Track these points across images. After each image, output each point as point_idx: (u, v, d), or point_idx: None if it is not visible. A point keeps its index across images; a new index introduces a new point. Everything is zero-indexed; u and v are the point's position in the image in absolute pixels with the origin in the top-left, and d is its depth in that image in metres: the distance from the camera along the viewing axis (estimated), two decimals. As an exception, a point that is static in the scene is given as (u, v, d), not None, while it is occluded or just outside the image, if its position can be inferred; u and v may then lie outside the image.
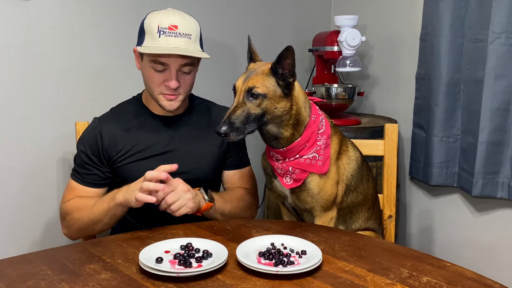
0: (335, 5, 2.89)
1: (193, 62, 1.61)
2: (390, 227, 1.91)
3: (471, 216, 2.35)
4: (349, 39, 2.30)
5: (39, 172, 1.97)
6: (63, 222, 1.63)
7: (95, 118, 1.70)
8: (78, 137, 1.78)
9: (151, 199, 1.39)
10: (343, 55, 2.36)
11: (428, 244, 2.54)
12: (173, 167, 1.43)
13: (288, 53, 1.46)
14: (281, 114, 1.51)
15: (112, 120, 1.68)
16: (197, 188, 1.55)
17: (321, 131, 1.59)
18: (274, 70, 1.49)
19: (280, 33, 2.63)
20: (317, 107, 1.64)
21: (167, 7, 1.62)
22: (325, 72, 2.59)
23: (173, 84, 1.57)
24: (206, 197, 1.54)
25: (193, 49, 1.58)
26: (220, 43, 2.43)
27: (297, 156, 1.55)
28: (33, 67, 1.91)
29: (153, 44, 1.55)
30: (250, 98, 1.47)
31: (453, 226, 2.43)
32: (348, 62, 2.35)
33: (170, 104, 1.61)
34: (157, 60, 1.56)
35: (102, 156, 1.64)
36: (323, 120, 1.62)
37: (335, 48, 2.42)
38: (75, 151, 1.68)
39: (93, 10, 2.02)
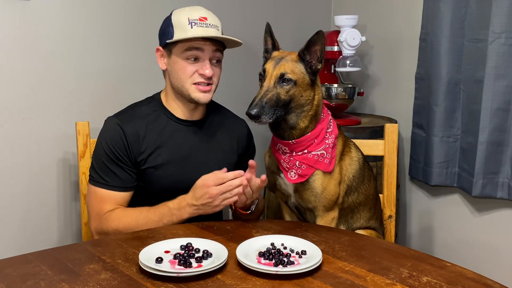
0: (335, 5, 2.89)
1: (222, 51, 1.62)
2: (390, 227, 1.92)
3: (471, 216, 2.35)
4: (349, 39, 2.30)
5: (39, 172, 1.97)
6: (102, 233, 1.55)
7: (110, 118, 1.62)
8: (78, 137, 1.78)
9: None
10: (343, 55, 2.36)
11: (428, 244, 2.54)
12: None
13: (318, 38, 1.49)
14: (305, 103, 1.53)
15: (132, 120, 1.60)
16: None
17: (329, 129, 1.61)
18: (302, 57, 1.51)
19: (280, 33, 2.62)
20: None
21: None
22: (325, 72, 2.58)
23: (209, 72, 1.56)
24: None
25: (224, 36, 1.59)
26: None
27: (306, 151, 1.57)
28: (33, 67, 1.91)
29: (187, 35, 1.54)
30: (282, 83, 1.49)
31: (453, 226, 2.43)
32: (348, 62, 2.35)
33: (205, 95, 1.59)
34: (193, 47, 1.54)
35: (128, 153, 1.57)
36: (331, 120, 1.64)
37: (335, 48, 2.42)
38: (75, 151, 1.67)
39: (93, 10, 2.02)
